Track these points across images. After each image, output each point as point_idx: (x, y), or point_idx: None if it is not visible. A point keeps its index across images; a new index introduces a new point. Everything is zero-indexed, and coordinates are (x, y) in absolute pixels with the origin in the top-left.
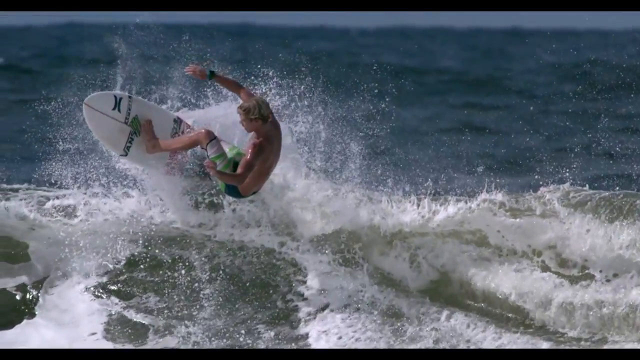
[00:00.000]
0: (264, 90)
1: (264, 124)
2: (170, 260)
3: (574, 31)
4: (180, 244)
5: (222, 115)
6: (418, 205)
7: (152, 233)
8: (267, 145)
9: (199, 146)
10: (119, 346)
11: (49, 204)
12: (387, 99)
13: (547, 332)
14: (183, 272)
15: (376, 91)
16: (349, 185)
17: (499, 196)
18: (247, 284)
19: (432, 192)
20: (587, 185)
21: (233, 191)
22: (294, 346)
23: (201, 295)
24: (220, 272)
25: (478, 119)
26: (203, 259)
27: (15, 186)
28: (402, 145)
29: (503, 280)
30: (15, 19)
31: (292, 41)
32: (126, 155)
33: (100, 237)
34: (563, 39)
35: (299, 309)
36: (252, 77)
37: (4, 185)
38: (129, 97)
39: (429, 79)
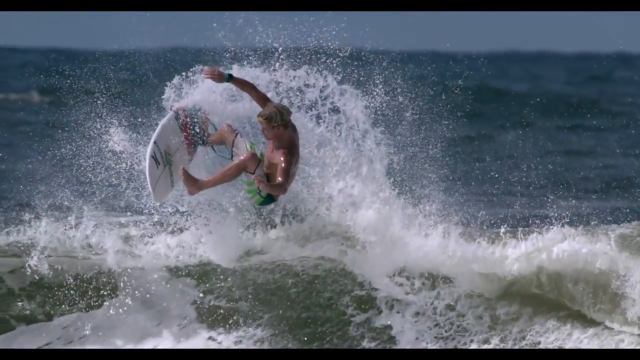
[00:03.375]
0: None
1: (285, 130)
2: (235, 263)
3: None
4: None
5: (213, 94)
6: (492, 242)
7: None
8: (295, 149)
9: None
10: (208, 330)
11: (120, 230)
12: (490, 122)
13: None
14: (250, 268)
15: (477, 113)
16: (426, 204)
17: (573, 230)
18: (317, 284)
19: (519, 219)
20: None
21: (268, 200)
22: (371, 344)
23: (273, 288)
24: (287, 271)
25: (580, 142)
26: (268, 259)
27: (92, 213)
28: (500, 168)
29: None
30: (124, 44)
31: (400, 64)
32: (173, 187)
33: (168, 248)
34: None
35: (373, 309)
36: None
37: (86, 213)
38: (154, 142)
39: (533, 102)
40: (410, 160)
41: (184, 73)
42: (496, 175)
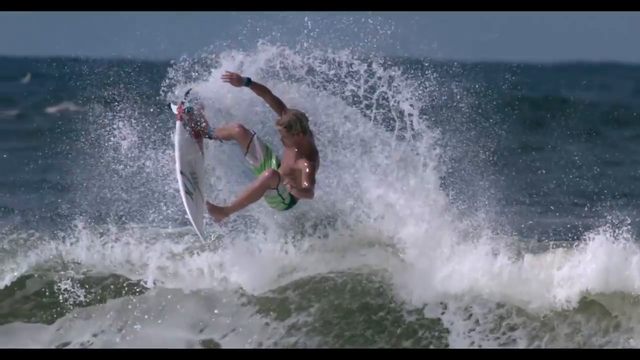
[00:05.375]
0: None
1: (304, 136)
2: (268, 286)
3: None
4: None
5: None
6: (539, 257)
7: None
8: (315, 155)
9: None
10: (262, 318)
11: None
12: (554, 131)
13: None
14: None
15: (541, 123)
16: (477, 214)
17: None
18: (364, 274)
19: (574, 231)
20: None
21: (291, 205)
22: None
23: (319, 278)
24: (331, 268)
25: None
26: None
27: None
28: (562, 178)
29: None
30: (168, 55)
31: (467, 75)
32: (204, 201)
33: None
34: None
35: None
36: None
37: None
38: (181, 172)
39: (599, 112)
40: (460, 163)
41: (194, 56)
42: (556, 185)
